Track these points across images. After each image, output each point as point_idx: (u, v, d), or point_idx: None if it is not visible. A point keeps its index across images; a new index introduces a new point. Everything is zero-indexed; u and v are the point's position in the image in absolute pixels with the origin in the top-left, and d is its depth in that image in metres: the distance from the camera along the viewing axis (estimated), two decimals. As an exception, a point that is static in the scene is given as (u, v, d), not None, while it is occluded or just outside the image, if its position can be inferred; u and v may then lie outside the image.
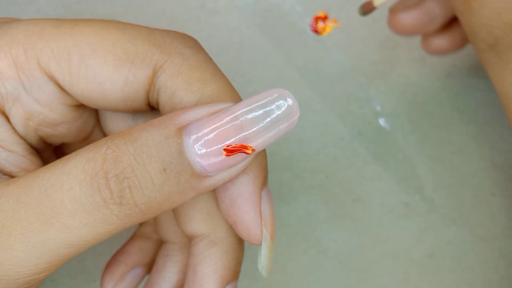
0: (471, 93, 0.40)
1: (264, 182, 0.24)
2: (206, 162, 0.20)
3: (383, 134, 0.40)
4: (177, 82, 0.23)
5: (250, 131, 0.21)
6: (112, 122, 0.27)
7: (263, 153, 0.24)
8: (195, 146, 0.20)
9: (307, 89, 0.40)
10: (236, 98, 0.23)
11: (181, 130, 0.20)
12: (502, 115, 0.40)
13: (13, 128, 0.24)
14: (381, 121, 0.40)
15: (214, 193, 0.25)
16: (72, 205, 0.20)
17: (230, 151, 0.20)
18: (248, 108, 0.21)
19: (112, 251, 0.32)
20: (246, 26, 0.41)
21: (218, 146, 0.20)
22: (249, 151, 0.21)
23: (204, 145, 0.20)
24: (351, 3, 0.40)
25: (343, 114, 0.40)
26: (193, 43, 0.24)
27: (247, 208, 0.23)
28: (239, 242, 0.26)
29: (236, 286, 0.26)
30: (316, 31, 0.38)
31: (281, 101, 0.21)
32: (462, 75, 0.40)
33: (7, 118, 0.24)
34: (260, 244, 0.24)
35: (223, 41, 0.41)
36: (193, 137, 0.20)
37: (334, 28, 0.37)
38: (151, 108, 0.25)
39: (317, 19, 0.38)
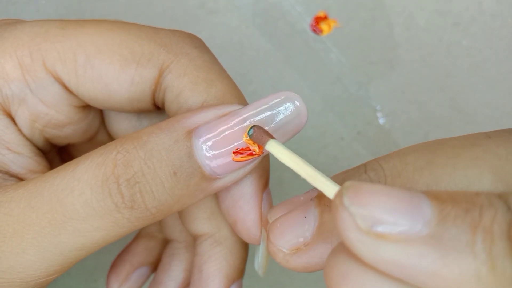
0: (471, 93, 0.40)
1: (266, 184, 0.24)
2: (215, 165, 0.20)
3: (383, 134, 0.40)
4: (183, 82, 0.23)
5: None
6: (117, 123, 0.27)
7: (266, 156, 0.24)
8: (204, 149, 0.20)
9: (307, 89, 0.40)
10: (241, 99, 0.24)
11: (190, 133, 0.20)
12: (502, 115, 0.40)
13: (19, 129, 0.24)
14: (381, 121, 0.40)
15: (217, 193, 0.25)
16: (84, 210, 0.20)
17: (238, 153, 0.21)
18: (256, 110, 0.21)
19: (113, 251, 0.32)
20: (246, 26, 0.41)
21: (226, 149, 0.20)
22: (257, 153, 0.21)
23: (213, 148, 0.20)
24: (351, 3, 0.40)
25: (343, 114, 0.40)
26: (199, 43, 0.24)
27: (248, 209, 0.23)
28: (243, 241, 0.26)
29: (241, 285, 0.26)
30: (316, 31, 0.38)
31: (288, 103, 0.21)
32: (462, 75, 0.41)
33: (13, 120, 0.24)
34: (259, 244, 0.24)
35: (223, 41, 0.41)
36: (202, 140, 0.20)
37: (334, 28, 0.37)
38: (157, 108, 0.25)
39: (317, 19, 0.38)
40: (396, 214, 0.15)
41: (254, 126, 0.20)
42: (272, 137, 0.20)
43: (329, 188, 0.18)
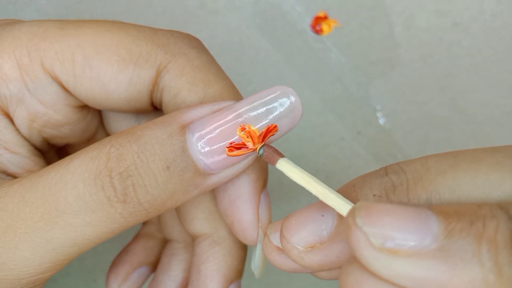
0: (471, 93, 0.40)
1: (264, 185, 0.24)
2: (209, 160, 0.20)
3: (383, 134, 0.40)
4: (181, 83, 0.23)
5: None
6: (116, 123, 0.27)
7: None
8: (198, 144, 0.20)
9: (307, 89, 0.40)
10: (239, 99, 0.23)
11: (184, 128, 0.20)
12: (502, 115, 0.40)
13: (17, 129, 0.24)
14: (381, 121, 0.40)
15: (215, 193, 0.25)
16: (76, 203, 0.20)
17: (233, 148, 0.20)
18: (251, 105, 0.21)
19: (112, 251, 0.32)
20: (246, 26, 0.41)
21: (221, 144, 0.20)
22: (252, 148, 0.21)
23: (207, 143, 0.20)
24: (351, 3, 0.40)
25: (343, 114, 0.40)
26: (197, 44, 0.24)
27: (245, 209, 0.23)
28: (242, 242, 0.26)
29: (240, 285, 0.26)
30: (316, 31, 0.38)
31: (284, 99, 0.21)
32: (462, 75, 0.40)
33: (11, 120, 0.24)
34: (255, 245, 0.24)
35: (223, 41, 0.41)
36: (196, 135, 0.20)
37: (334, 28, 0.37)
38: (155, 109, 0.25)
39: (317, 19, 0.38)
40: (405, 231, 0.16)
41: (264, 145, 0.21)
42: (282, 156, 0.21)
43: (340, 206, 0.19)
